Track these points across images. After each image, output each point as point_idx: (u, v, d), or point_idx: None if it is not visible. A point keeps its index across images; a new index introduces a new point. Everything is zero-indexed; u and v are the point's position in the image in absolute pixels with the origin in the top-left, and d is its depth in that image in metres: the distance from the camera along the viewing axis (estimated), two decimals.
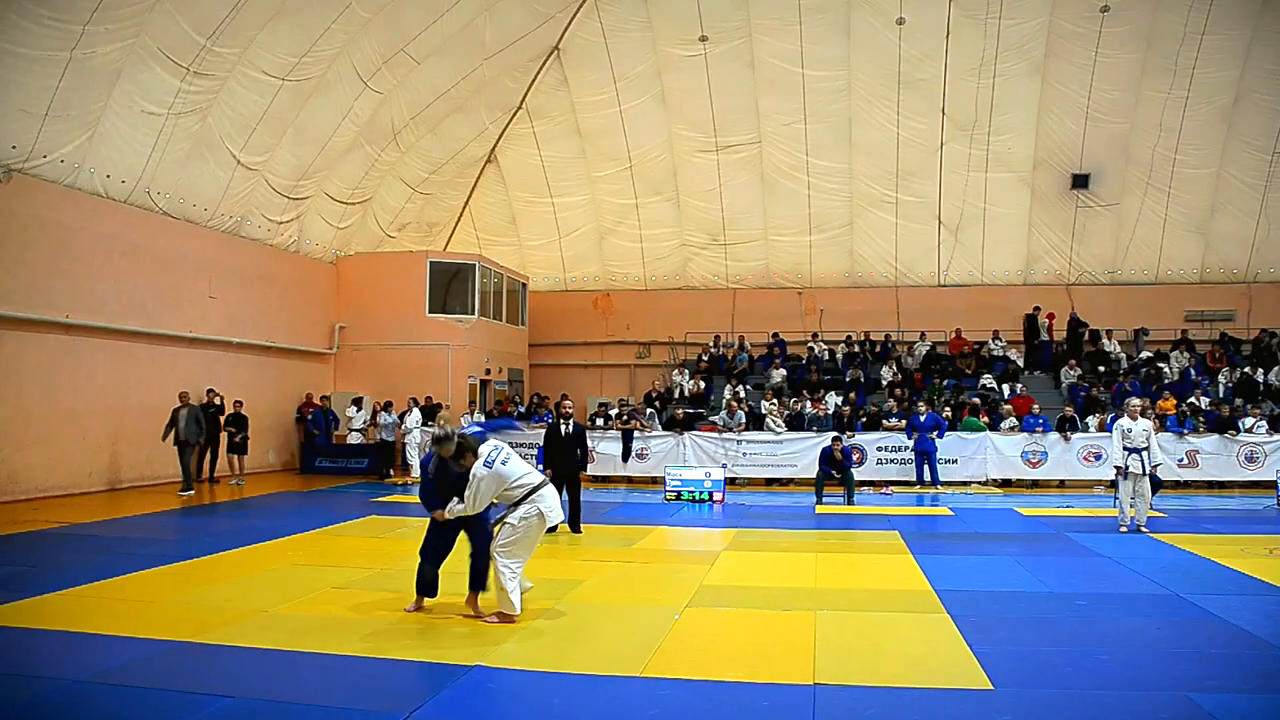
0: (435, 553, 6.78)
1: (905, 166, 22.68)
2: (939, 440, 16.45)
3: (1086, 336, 22.04)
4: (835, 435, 15.65)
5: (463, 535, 6.85)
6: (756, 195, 23.70)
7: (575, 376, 24.88)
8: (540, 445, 11.82)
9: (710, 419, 18.68)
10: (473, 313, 21.66)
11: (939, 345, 22.55)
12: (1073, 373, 20.24)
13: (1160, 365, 20.60)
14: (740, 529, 11.56)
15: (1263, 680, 5.35)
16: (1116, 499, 11.47)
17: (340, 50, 17.34)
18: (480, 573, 6.67)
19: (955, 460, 16.78)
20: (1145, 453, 11.01)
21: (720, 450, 17.22)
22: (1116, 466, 11.20)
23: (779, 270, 24.72)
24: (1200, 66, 20.39)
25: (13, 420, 13.47)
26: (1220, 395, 18.92)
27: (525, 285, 24.79)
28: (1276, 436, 16.38)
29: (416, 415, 18.16)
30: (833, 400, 19.09)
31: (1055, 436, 16.88)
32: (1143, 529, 10.89)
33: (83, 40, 12.99)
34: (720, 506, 14.17)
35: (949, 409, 18.03)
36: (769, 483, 17.39)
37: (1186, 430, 16.54)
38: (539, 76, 22.52)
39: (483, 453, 6.38)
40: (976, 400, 18.44)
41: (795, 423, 17.92)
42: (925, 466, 16.35)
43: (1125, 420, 11.21)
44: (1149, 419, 11.76)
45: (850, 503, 14.16)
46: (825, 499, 14.46)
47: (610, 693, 5.06)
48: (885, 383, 20.68)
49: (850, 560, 9.42)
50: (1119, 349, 21.53)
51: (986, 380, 20.33)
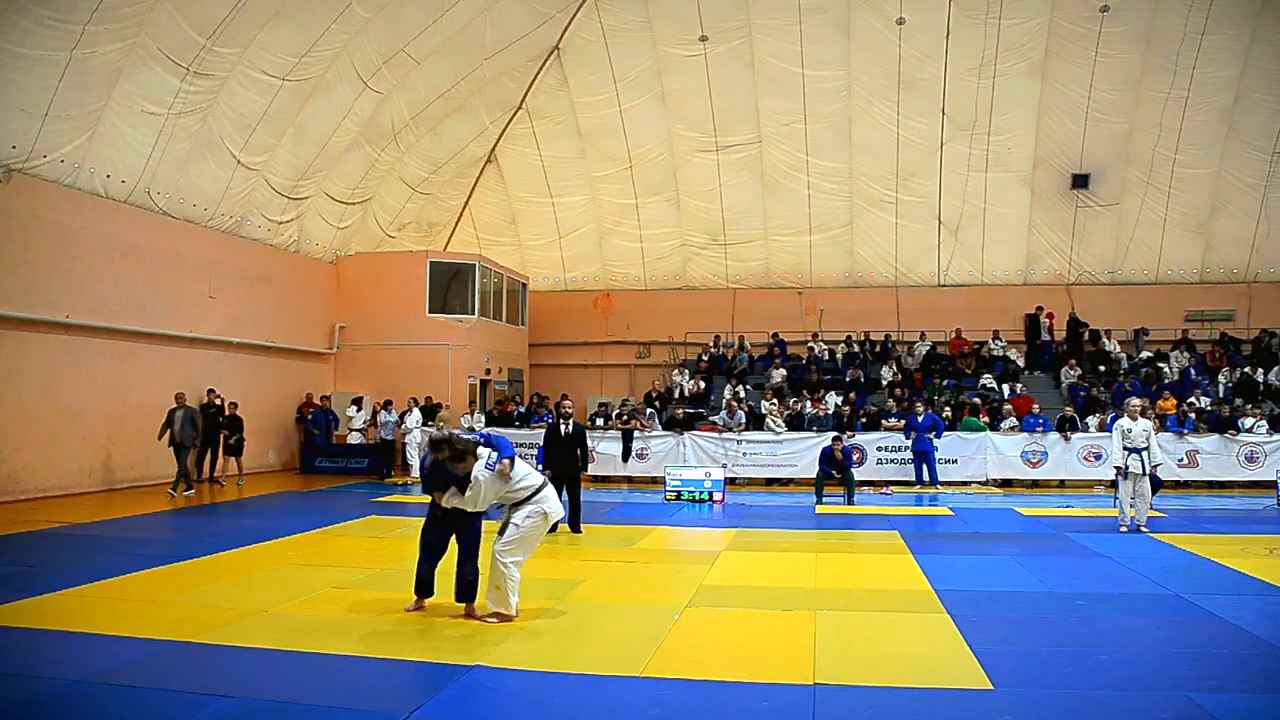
0: (430, 551, 6.79)
1: (905, 166, 22.69)
2: (937, 440, 16.49)
3: (1086, 336, 22.05)
4: (835, 435, 15.66)
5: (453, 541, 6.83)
6: (756, 195, 23.70)
7: (575, 376, 24.88)
8: (540, 445, 11.81)
9: (710, 419, 18.68)
10: (473, 313, 21.67)
11: (939, 345, 22.55)
12: (1073, 373, 20.25)
13: (1160, 365, 20.61)
14: (740, 529, 11.56)
15: (1263, 680, 5.34)
16: (1116, 499, 11.47)
17: (340, 50, 17.34)
18: (467, 585, 6.58)
19: (955, 460, 16.81)
20: (1145, 453, 11.01)
21: (720, 450, 17.23)
22: (1116, 466, 11.21)
23: (779, 270, 24.73)
24: (1200, 66, 20.39)
25: (13, 420, 13.48)
26: (1220, 395, 18.93)
27: (525, 285, 24.79)
28: (1276, 436, 16.38)
29: (417, 415, 18.19)
30: (833, 400, 19.08)
31: (1055, 436, 16.89)
32: (1143, 529, 10.90)
33: (83, 40, 12.99)
34: (720, 506, 14.17)
35: (949, 409, 18.04)
36: (769, 483, 17.39)
37: (1187, 430, 16.55)
38: (539, 76, 22.52)
39: (483, 454, 6.39)
40: (977, 400, 18.44)
41: (795, 423, 17.92)
42: (923, 466, 16.38)
43: (1125, 420, 11.22)
44: (1149, 419, 11.77)
45: (850, 503, 14.16)
46: (825, 499, 14.46)
47: (610, 693, 5.05)
48: (885, 383, 20.67)
49: (850, 560, 9.42)
50: (1119, 349, 21.55)
51: (986, 380, 20.34)
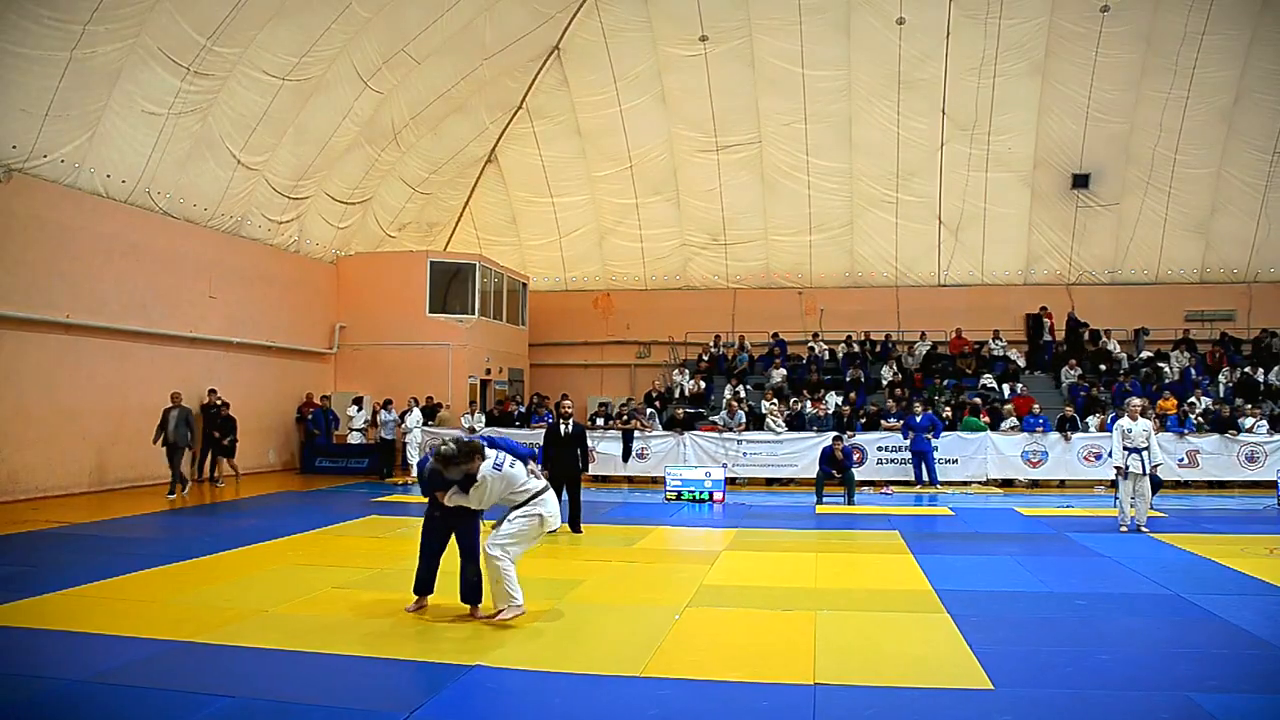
0: (429, 550, 6.77)
1: (905, 166, 22.68)
2: (935, 440, 16.50)
3: (1087, 336, 22.05)
4: (836, 435, 15.65)
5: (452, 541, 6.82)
6: (756, 195, 23.70)
7: (575, 376, 24.89)
8: (540, 445, 11.81)
9: (710, 419, 18.68)
10: (473, 312, 21.67)
11: (939, 345, 22.55)
12: (1073, 373, 20.25)
13: (1160, 365, 20.61)
14: (740, 529, 11.56)
15: (1263, 680, 5.34)
16: (1117, 499, 11.47)
17: (340, 50, 17.34)
18: (471, 586, 6.57)
19: (955, 460, 16.81)
20: (1145, 453, 11.01)
21: (720, 450, 17.23)
22: (1117, 466, 11.20)
23: (779, 270, 24.73)
24: (1200, 66, 20.39)
25: (13, 420, 13.47)
26: (1220, 395, 18.93)
27: (525, 285, 24.79)
28: (1277, 436, 16.38)
29: (417, 415, 18.21)
30: (833, 400, 19.08)
31: (1055, 436, 16.88)
32: (1143, 529, 10.89)
33: (83, 40, 12.99)
34: (720, 506, 14.17)
35: (949, 409, 18.03)
36: (769, 482, 17.39)
37: (1187, 430, 16.55)
38: (539, 76, 22.52)
39: (490, 454, 6.42)
40: (977, 400, 18.44)
41: (795, 423, 17.92)
42: (922, 466, 16.39)
43: (1125, 420, 11.22)
44: (1149, 419, 11.77)
45: (850, 502, 14.16)
46: (825, 499, 14.46)
47: (610, 693, 5.05)
48: (885, 383, 20.67)
49: (850, 560, 9.41)
50: (1119, 349, 21.56)
51: (987, 380, 20.34)
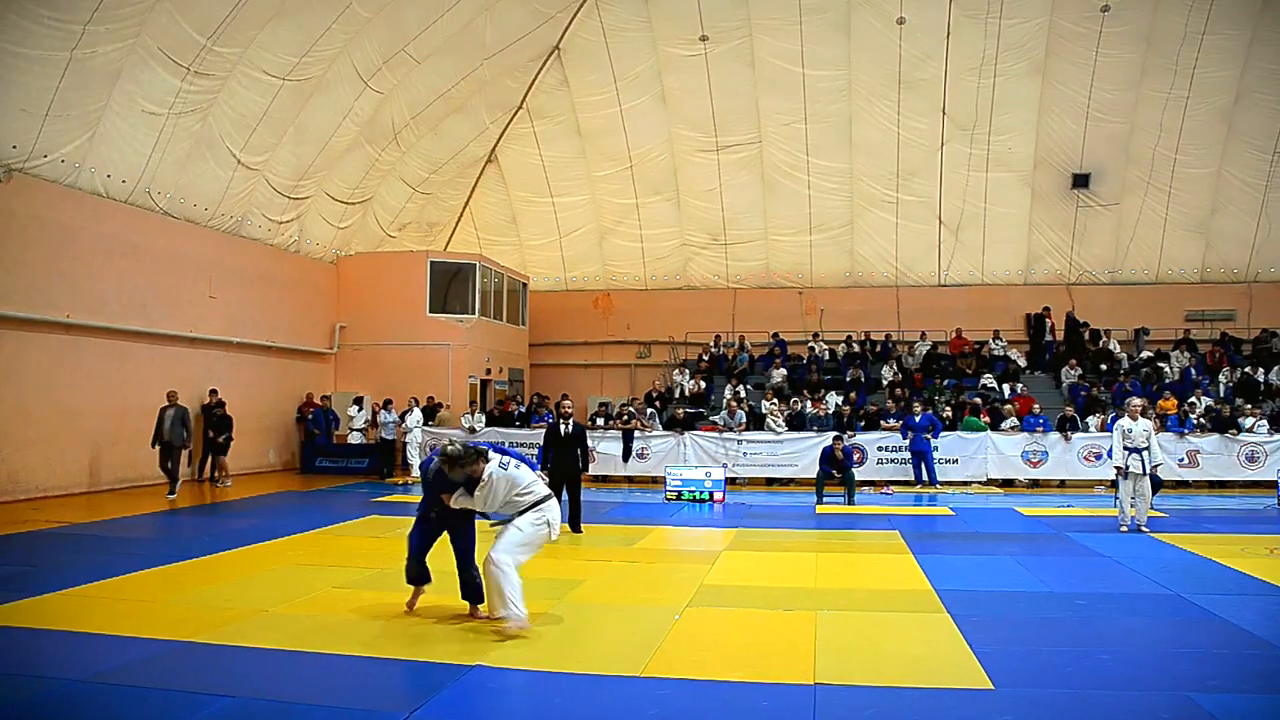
0: (418, 547, 6.67)
1: (905, 166, 22.68)
2: (934, 440, 16.50)
3: (1088, 336, 22.05)
4: (836, 435, 15.65)
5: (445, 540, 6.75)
6: (757, 195, 23.70)
7: (575, 376, 24.88)
8: (540, 445, 11.82)
9: (710, 419, 18.69)
10: (473, 312, 21.67)
11: (939, 345, 22.55)
12: (1073, 373, 20.25)
13: (1160, 365, 20.60)
14: (741, 529, 11.56)
15: (1263, 680, 5.34)
16: (1117, 499, 11.47)
17: (340, 50, 17.33)
18: (472, 586, 6.51)
19: (956, 460, 16.81)
20: (1145, 452, 11.01)
21: (721, 450, 17.23)
22: (1117, 466, 11.20)
23: (779, 270, 24.72)
24: (1200, 66, 20.39)
25: (13, 420, 13.47)
26: (1221, 395, 18.93)
27: (525, 285, 24.79)
28: (1277, 436, 16.37)
29: (417, 415, 18.21)
30: (833, 400, 19.08)
31: (1056, 436, 16.88)
32: (1143, 529, 10.89)
33: (83, 40, 12.99)
34: (721, 506, 14.17)
35: (949, 409, 18.03)
36: (769, 482, 17.39)
37: (1187, 430, 16.54)
38: (539, 76, 22.52)
39: (494, 457, 6.40)
40: (977, 400, 18.44)
41: (796, 423, 17.92)
42: (921, 466, 16.39)
43: (1126, 420, 11.22)
44: (1149, 419, 11.77)
45: (851, 502, 14.16)
46: (826, 499, 14.46)
47: (610, 693, 5.05)
48: (886, 383, 20.68)
49: (851, 560, 9.41)
50: (1119, 349, 21.56)
51: (987, 380, 20.34)
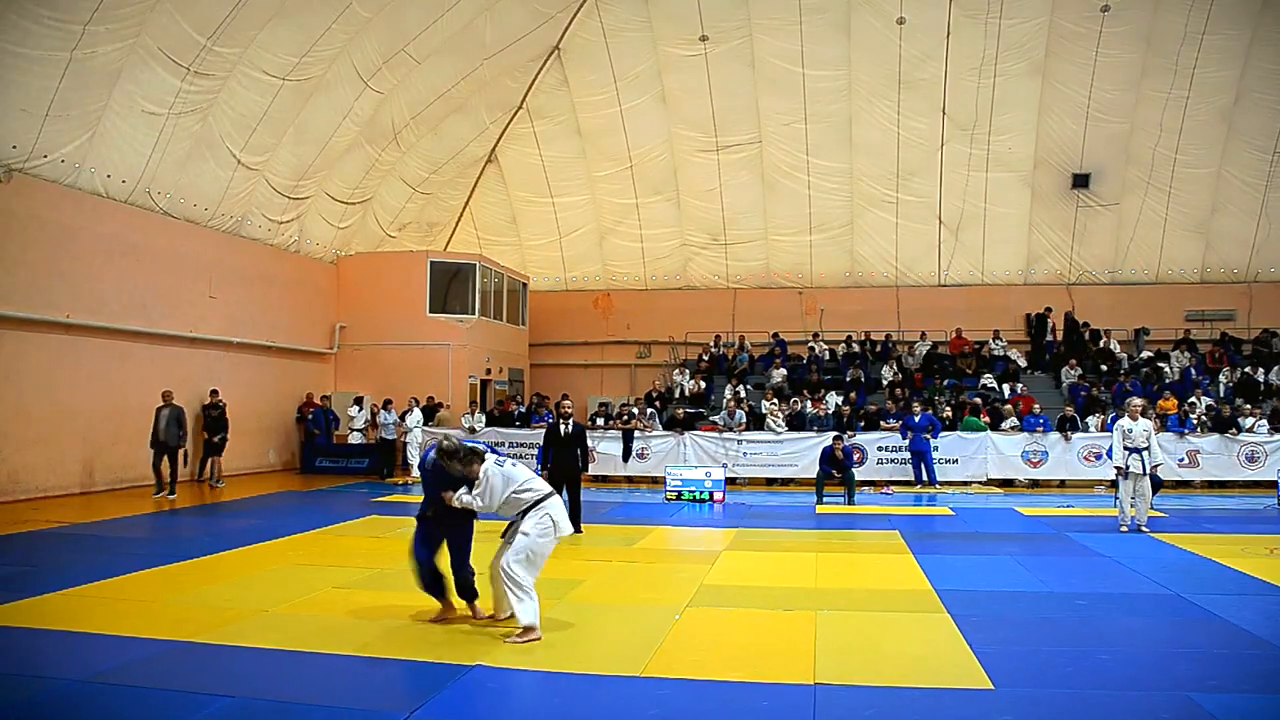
0: (422, 558, 6.51)
1: (905, 166, 22.68)
2: (934, 440, 16.51)
3: (1088, 336, 22.06)
4: (836, 435, 15.65)
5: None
6: (757, 195, 23.69)
7: (575, 376, 24.88)
8: (540, 445, 11.82)
9: (711, 419, 18.69)
10: (473, 312, 21.67)
11: (939, 345, 22.56)
12: (1073, 372, 20.25)
13: (1160, 365, 20.60)
14: (741, 529, 11.57)
15: (1263, 680, 5.34)
16: (1117, 499, 11.47)
17: (340, 50, 17.33)
18: (465, 584, 6.45)
19: (956, 460, 16.81)
20: (1146, 452, 11.01)
21: (721, 450, 17.22)
22: (1117, 466, 11.20)
23: (779, 270, 24.72)
24: (1200, 66, 20.39)
25: (13, 420, 13.47)
26: (1221, 395, 18.93)
27: (525, 285, 24.79)
28: (1277, 436, 16.37)
29: (417, 415, 18.20)
30: (833, 400, 19.09)
31: (1056, 436, 16.88)
32: (1143, 529, 10.89)
33: (83, 40, 12.99)
34: (721, 506, 14.17)
35: (949, 409, 18.03)
36: (769, 482, 17.39)
37: (1187, 430, 16.54)
38: (539, 76, 22.52)
39: (489, 457, 6.38)
40: (977, 400, 18.44)
41: (796, 423, 17.92)
42: (921, 466, 16.39)
43: (1126, 420, 11.21)
44: (1149, 419, 11.77)
45: (851, 502, 14.16)
46: (826, 499, 14.46)
47: (610, 693, 5.05)
48: (886, 382, 20.68)
49: (851, 560, 9.42)
50: (1119, 349, 21.57)
51: (987, 380, 20.34)
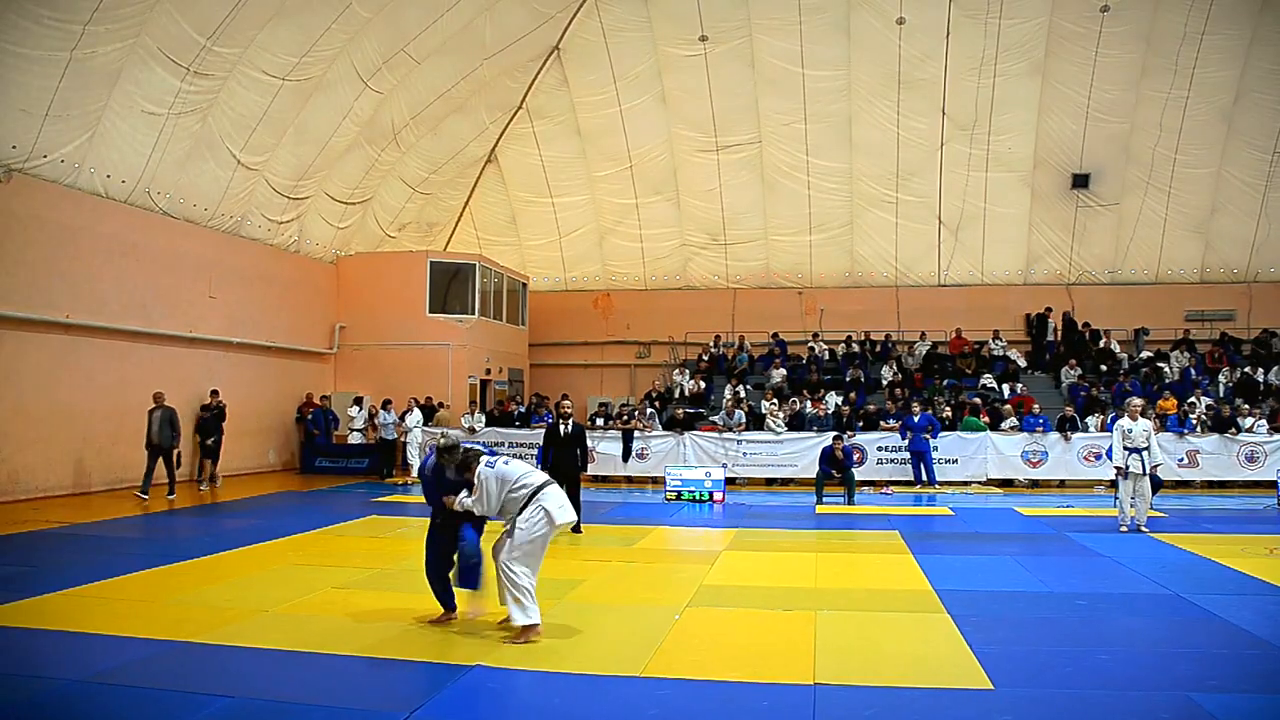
0: (435, 566, 6.52)
1: (905, 166, 22.67)
2: (934, 440, 16.52)
3: (1088, 336, 22.06)
4: (836, 435, 15.64)
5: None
6: (756, 195, 23.69)
7: (575, 376, 24.88)
8: (540, 445, 11.83)
9: (710, 419, 18.69)
10: (473, 313, 21.66)
11: (939, 345, 22.56)
12: (1073, 373, 20.25)
13: (1160, 365, 20.61)
14: (740, 529, 11.57)
15: (1263, 680, 5.34)
16: (1116, 499, 11.48)
17: (340, 50, 17.33)
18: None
19: (955, 460, 16.81)
20: (1145, 452, 11.01)
21: (720, 450, 17.22)
22: (1117, 466, 11.21)
23: (779, 270, 24.72)
24: (1200, 66, 20.38)
25: (13, 420, 13.47)
26: (1220, 395, 18.93)
27: (525, 285, 24.79)
28: (1277, 436, 16.37)
29: (417, 415, 18.20)
30: (833, 400, 19.09)
31: (1055, 436, 16.88)
32: (1143, 529, 10.90)
33: (83, 40, 12.99)
34: (720, 506, 14.18)
35: (949, 409, 18.03)
36: (769, 483, 17.39)
37: (1187, 430, 16.53)
38: (539, 76, 22.52)
39: (483, 458, 6.38)
40: (977, 400, 18.45)
41: (796, 423, 17.91)
42: (920, 466, 16.39)
43: (1125, 420, 11.22)
44: (1149, 419, 11.77)
45: (851, 502, 14.16)
46: (825, 499, 14.46)
47: (610, 693, 5.06)
48: (885, 383, 20.67)
49: (850, 560, 9.42)
50: (1119, 349, 21.57)
51: (987, 380, 20.34)
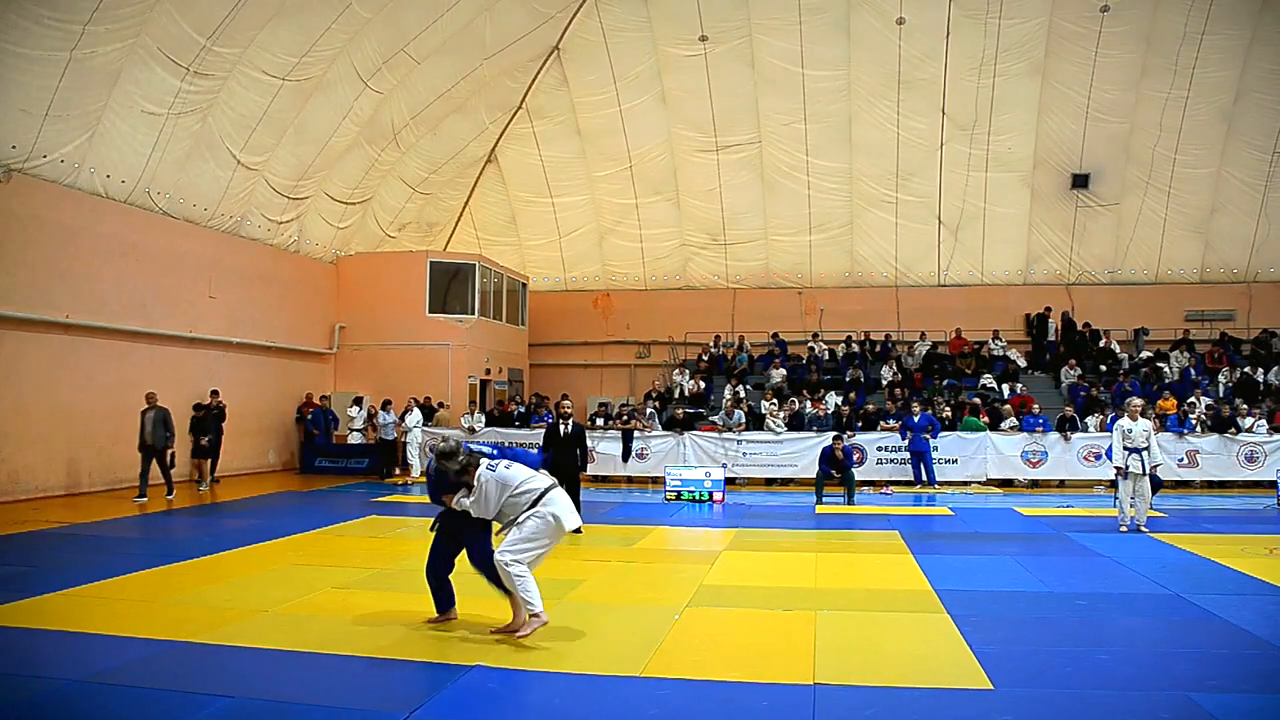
0: (434, 568, 6.49)
1: (905, 166, 22.68)
2: (933, 440, 16.52)
3: (1088, 336, 22.06)
4: (836, 435, 15.64)
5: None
6: (756, 195, 23.70)
7: (575, 376, 24.89)
8: (540, 445, 11.84)
9: (710, 419, 18.69)
10: (473, 313, 21.66)
11: (939, 345, 22.56)
12: (1073, 373, 20.26)
13: (1160, 365, 20.61)
14: (740, 529, 11.57)
15: (1263, 680, 5.34)
16: (1116, 499, 11.48)
17: (340, 50, 17.34)
18: (496, 582, 6.28)
19: (955, 460, 16.82)
20: (1145, 453, 11.01)
21: (720, 450, 17.23)
22: (1116, 466, 11.21)
23: (779, 270, 24.73)
24: (1200, 66, 20.39)
25: (13, 420, 13.48)
26: (1220, 395, 18.93)
27: (525, 285, 24.79)
28: (1276, 436, 16.38)
29: (417, 415, 18.21)
30: (832, 400, 19.09)
31: (1055, 436, 16.88)
32: (1142, 529, 10.90)
33: (83, 40, 13.00)
34: (720, 506, 14.17)
35: (949, 409, 18.04)
36: (769, 483, 17.40)
37: (1187, 430, 16.53)
38: (539, 76, 22.52)
39: (484, 461, 6.33)
40: (976, 400, 18.45)
41: (795, 423, 17.91)
42: (920, 466, 16.40)
43: (1125, 420, 11.22)
44: (1149, 419, 11.77)
45: (850, 502, 14.16)
46: (825, 499, 14.46)
47: (610, 693, 5.05)
48: (885, 383, 20.68)
49: (850, 560, 9.41)
50: (1119, 349, 21.57)
51: (986, 380, 20.35)
